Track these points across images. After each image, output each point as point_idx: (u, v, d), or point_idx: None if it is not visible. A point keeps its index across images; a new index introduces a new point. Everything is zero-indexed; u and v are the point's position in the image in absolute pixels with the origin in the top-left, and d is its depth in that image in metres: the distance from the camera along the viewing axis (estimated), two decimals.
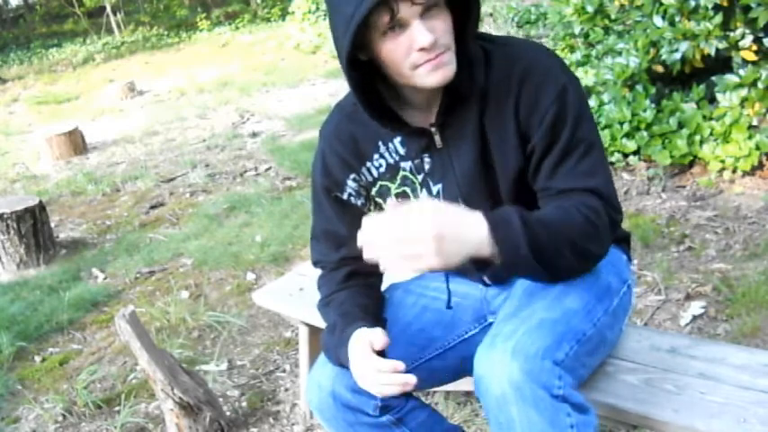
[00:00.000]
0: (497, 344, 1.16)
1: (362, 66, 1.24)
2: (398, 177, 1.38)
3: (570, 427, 1.13)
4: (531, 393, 1.11)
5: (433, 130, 1.31)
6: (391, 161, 1.37)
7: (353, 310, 1.39)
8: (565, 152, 1.24)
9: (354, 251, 1.41)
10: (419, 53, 1.17)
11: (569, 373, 1.17)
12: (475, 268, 1.25)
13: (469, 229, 1.10)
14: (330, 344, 1.37)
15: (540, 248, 1.14)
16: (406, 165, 1.37)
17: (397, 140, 1.35)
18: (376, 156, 1.38)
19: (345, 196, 1.43)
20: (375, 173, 1.39)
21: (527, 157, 1.28)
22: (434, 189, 1.36)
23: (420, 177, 1.37)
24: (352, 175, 1.41)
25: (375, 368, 1.23)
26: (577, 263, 1.23)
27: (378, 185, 1.41)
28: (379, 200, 1.42)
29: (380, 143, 1.37)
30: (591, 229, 1.20)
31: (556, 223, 1.18)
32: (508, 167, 1.30)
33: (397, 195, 1.40)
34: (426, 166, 1.35)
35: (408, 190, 1.38)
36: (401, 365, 1.22)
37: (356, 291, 1.44)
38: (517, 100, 1.25)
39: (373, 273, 1.47)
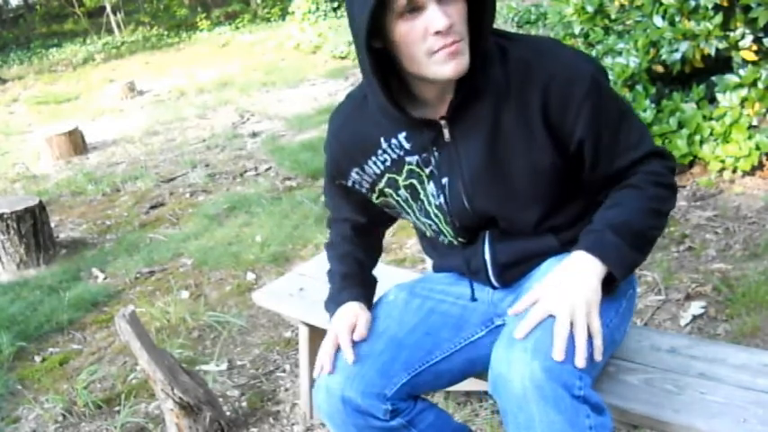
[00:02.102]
0: (515, 342, 1.16)
1: (375, 55, 1.23)
2: (404, 171, 1.38)
3: (589, 428, 1.13)
4: (552, 392, 1.11)
5: (442, 123, 1.31)
6: (395, 156, 1.37)
7: (352, 271, 1.53)
8: (614, 133, 1.29)
9: (357, 220, 1.56)
10: (434, 37, 1.17)
11: (587, 373, 1.17)
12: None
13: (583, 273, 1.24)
14: (338, 284, 1.52)
15: (640, 242, 1.28)
16: (412, 159, 1.36)
17: (402, 136, 1.35)
18: (379, 151, 1.38)
19: (350, 184, 1.47)
20: (381, 167, 1.40)
21: (572, 152, 1.30)
22: (443, 181, 1.36)
23: (428, 170, 1.36)
24: (356, 169, 1.42)
25: (334, 344, 1.37)
26: (663, 222, 1.35)
27: (386, 177, 1.41)
28: (388, 190, 1.42)
29: (382, 139, 1.36)
30: (663, 192, 1.32)
31: (635, 208, 1.29)
32: (530, 166, 1.29)
33: (405, 188, 1.40)
34: (434, 160, 1.34)
35: (416, 182, 1.38)
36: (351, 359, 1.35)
37: (358, 248, 1.57)
38: (545, 99, 1.25)
39: (374, 232, 1.63)
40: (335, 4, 11.57)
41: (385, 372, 1.36)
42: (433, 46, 1.18)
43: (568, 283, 1.21)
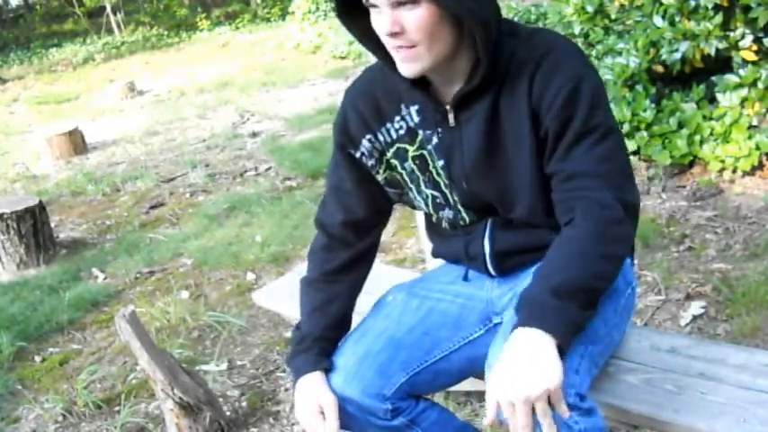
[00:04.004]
0: None
1: None
2: (417, 141, 1.38)
3: None
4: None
5: (447, 108, 1.32)
6: (411, 125, 1.38)
7: (325, 334, 1.45)
8: (579, 135, 1.22)
9: (353, 215, 1.47)
10: (386, 38, 1.21)
11: (585, 375, 1.17)
12: None
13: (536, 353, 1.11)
14: (294, 347, 1.45)
15: (587, 298, 1.17)
16: (420, 132, 1.37)
17: (414, 108, 1.36)
18: (397, 117, 1.38)
19: (358, 155, 1.43)
20: (394, 134, 1.40)
21: (541, 140, 1.27)
22: (438, 164, 1.36)
23: (427, 149, 1.37)
24: (369, 136, 1.41)
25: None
26: (614, 266, 1.22)
27: (395, 147, 1.40)
28: (394, 161, 1.41)
29: (403, 105, 1.37)
30: (608, 229, 1.20)
31: (578, 257, 1.19)
32: (521, 151, 1.29)
33: (413, 158, 1.39)
34: (434, 140, 1.35)
35: (425, 153, 1.38)
36: None
37: (340, 294, 1.49)
38: (531, 82, 1.25)
39: (366, 259, 1.54)
40: None
41: (383, 372, 1.37)
42: (387, 44, 1.22)
43: (522, 372, 1.09)
